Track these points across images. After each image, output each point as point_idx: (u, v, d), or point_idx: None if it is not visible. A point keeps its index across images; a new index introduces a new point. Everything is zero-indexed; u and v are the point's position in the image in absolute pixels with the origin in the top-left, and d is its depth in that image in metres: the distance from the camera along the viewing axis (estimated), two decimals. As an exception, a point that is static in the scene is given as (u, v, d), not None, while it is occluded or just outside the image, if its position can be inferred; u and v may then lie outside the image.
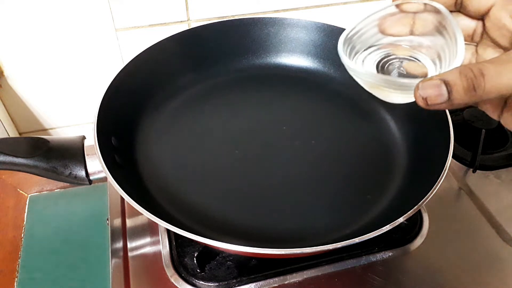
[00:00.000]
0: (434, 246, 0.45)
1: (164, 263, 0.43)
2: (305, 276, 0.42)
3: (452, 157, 0.43)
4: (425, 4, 0.30)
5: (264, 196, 0.43)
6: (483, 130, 0.54)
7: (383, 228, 0.33)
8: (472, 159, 0.54)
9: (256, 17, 0.56)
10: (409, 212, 0.34)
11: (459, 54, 0.27)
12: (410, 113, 0.49)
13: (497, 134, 0.57)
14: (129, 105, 0.48)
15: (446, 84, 0.23)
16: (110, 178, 0.36)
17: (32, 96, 0.61)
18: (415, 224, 0.47)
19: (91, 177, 0.41)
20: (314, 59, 0.57)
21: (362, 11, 0.65)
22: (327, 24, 0.54)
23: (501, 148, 0.56)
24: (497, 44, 0.29)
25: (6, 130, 0.60)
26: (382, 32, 0.32)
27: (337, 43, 0.32)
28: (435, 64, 0.31)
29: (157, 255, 0.44)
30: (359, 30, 0.32)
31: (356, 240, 0.32)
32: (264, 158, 0.47)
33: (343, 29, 0.32)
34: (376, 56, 0.33)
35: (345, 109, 0.53)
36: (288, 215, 0.42)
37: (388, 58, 0.33)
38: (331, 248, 0.32)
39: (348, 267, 0.43)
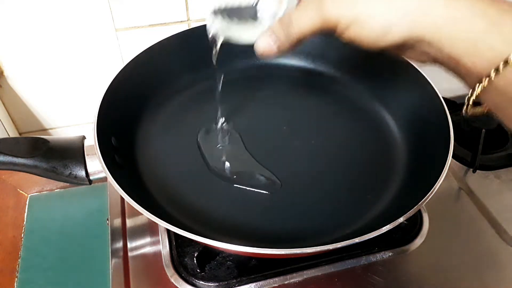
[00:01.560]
0: (434, 246, 0.45)
1: (164, 263, 0.43)
2: (305, 276, 0.42)
3: (452, 157, 0.43)
4: None
5: (264, 196, 0.43)
6: (483, 130, 0.54)
7: (383, 228, 0.33)
8: (472, 159, 0.54)
9: (256, 17, 0.56)
10: (409, 212, 0.34)
11: None
12: (411, 113, 0.49)
13: (497, 134, 0.57)
14: (129, 105, 0.48)
15: (273, 32, 0.32)
16: (110, 178, 0.36)
17: (32, 96, 0.61)
18: (415, 224, 0.47)
19: (91, 177, 0.41)
20: (314, 59, 0.57)
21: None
22: (327, 24, 0.54)
23: (501, 148, 0.56)
24: None
25: (6, 130, 0.60)
26: None
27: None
28: None
29: (157, 255, 0.44)
30: None
31: (356, 240, 0.32)
32: (264, 158, 0.47)
33: None
34: None
35: (345, 109, 0.53)
36: (288, 215, 0.42)
37: None
38: (331, 248, 0.32)
39: (348, 267, 0.43)
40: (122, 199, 0.50)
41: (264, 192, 0.44)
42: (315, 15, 0.29)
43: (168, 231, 0.46)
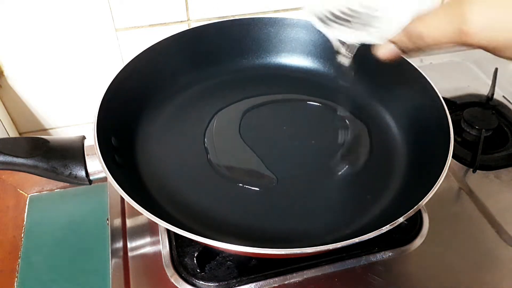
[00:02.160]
0: (434, 246, 0.45)
1: (164, 263, 0.43)
2: (305, 276, 0.42)
3: (452, 157, 0.43)
4: None
5: (264, 196, 0.43)
6: (483, 130, 0.54)
7: (383, 228, 0.33)
8: (472, 159, 0.54)
9: (256, 17, 0.56)
10: (409, 212, 0.34)
11: None
12: (411, 113, 0.49)
13: (497, 134, 0.57)
14: (129, 105, 0.48)
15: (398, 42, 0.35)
16: (110, 178, 0.36)
17: (32, 96, 0.61)
18: (415, 224, 0.47)
19: (91, 177, 0.41)
20: (314, 59, 0.57)
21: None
22: (327, 24, 0.54)
23: (501, 148, 0.56)
24: None
25: (6, 130, 0.60)
26: None
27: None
28: None
29: (157, 255, 0.44)
30: None
31: (356, 240, 0.32)
32: (264, 158, 0.47)
33: None
34: None
35: (345, 109, 0.53)
36: (288, 215, 0.42)
37: None
38: (331, 248, 0.32)
39: (348, 267, 0.43)
40: (122, 199, 0.50)
41: (264, 191, 0.44)
42: (453, 36, 0.30)
43: (168, 231, 0.46)
